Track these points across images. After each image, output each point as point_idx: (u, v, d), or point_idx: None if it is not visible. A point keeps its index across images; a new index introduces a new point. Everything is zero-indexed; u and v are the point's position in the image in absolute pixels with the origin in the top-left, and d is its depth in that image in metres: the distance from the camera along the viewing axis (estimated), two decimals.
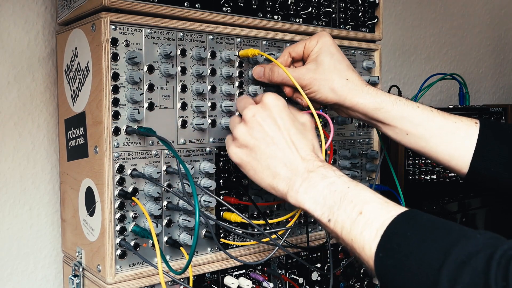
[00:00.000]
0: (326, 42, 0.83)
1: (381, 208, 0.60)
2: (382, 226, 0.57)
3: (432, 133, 0.80)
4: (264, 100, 0.72)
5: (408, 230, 0.55)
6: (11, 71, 0.93)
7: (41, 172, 0.98)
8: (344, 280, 1.04)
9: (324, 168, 0.67)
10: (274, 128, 0.70)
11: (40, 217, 0.98)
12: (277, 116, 0.70)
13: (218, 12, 0.83)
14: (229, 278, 0.87)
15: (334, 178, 0.65)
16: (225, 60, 0.84)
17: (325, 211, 0.63)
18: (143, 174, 0.76)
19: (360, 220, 0.59)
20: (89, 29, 0.75)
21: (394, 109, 0.81)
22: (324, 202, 0.64)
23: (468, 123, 0.81)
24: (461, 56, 1.82)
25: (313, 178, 0.66)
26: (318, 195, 0.65)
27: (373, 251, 0.57)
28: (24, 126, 0.95)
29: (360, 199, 0.61)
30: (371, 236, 0.58)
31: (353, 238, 0.60)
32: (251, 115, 0.71)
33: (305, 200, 0.65)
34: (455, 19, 1.78)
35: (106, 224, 0.74)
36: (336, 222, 0.62)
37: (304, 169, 0.67)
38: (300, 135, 0.71)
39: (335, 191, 0.64)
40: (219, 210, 0.86)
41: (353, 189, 0.63)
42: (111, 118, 0.74)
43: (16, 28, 0.94)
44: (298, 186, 0.66)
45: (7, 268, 0.95)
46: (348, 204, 0.62)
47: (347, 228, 0.60)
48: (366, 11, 1.04)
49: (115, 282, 0.75)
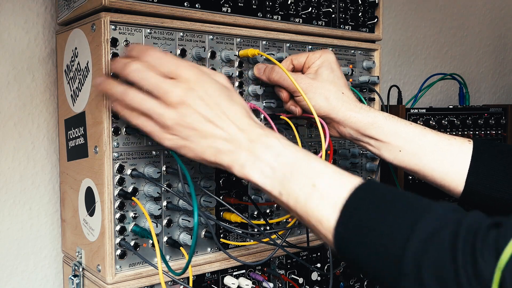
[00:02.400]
0: (329, 58, 0.84)
1: (336, 180, 0.58)
2: (340, 200, 0.56)
3: (426, 150, 0.79)
4: (185, 76, 0.64)
5: (369, 204, 0.54)
6: (11, 71, 0.94)
7: (41, 172, 0.98)
8: (344, 280, 1.04)
9: (266, 137, 0.63)
10: (205, 107, 0.63)
11: (40, 217, 0.98)
12: (204, 92, 0.64)
13: (218, 12, 0.83)
14: (229, 278, 0.87)
15: (280, 148, 0.62)
16: (225, 60, 0.84)
17: (275, 185, 0.61)
18: (143, 174, 0.76)
19: (315, 194, 0.58)
20: (89, 29, 0.75)
21: (387, 125, 0.81)
22: (274, 175, 0.61)
23: (461, 140, 0.80)
24: (461, 56, 1.82)
25: (257, 150, 0.62)
26: (265, 167, 0.62)
27: (332, 225, 0.56)
28: (24, 126, 0.95)
29: (312, 171, 0.59)
30: (328, 210, 0.56)
31: (309, 211, 0.58)
32: (178, 100, 0.63)
33: (252, 173, 0.62)
34: (455, 19, 1.78)
35: (106, 224, 0.74)
36: (289, 196, 0.60)
37: (246, 140, 0.63)
38: (230, 103, 0.65)
39: (284, 163, 0.61)
40: (219, 210, 0.86)
41: (302, 159, 0.61)
42: (111, 118, 0.74)
43: (16, 28, 0.94)
44: (243, 160, 0.63)
45: (7, 268, 0.95)
46: (300, 176, 0.59)
47: (301, 202, 0.59)
48: (366, 11, 1.04)
49: (115, 282, 0.75)
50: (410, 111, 1.21)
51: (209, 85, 0.65)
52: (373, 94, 1.06)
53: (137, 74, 0.65)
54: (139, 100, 0.65)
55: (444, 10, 1.74)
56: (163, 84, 0.64)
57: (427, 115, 1.23)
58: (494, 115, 1.33)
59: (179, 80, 0.64)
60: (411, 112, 1.21)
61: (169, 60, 0.65)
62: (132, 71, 0.65)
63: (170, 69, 0.65)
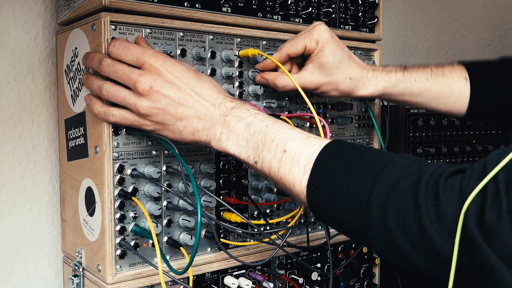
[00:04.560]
0: (326, 40, 0.83)
1: (304, 143, 0.62)
2: (310, 160, 0.59)
3: (431, 99, 0.90)
4: (151, 63, 0.67)
5: (336, 162, 0.57)
6: (11, 71, 0.93)
7: (41, 172, 0.98)
8: (344, 280, 1.05)
9: (237, 109, 0.67)
10: (175, 89, 0.66)
11: (40, 217, 0.98)
12: (171, 76, 0.67)
13: (218, 12, 0.83)
14: (229, 278, 0.87)
15: (250, 118, 0.66)
16: (225, 60, 0.84)
17: (250, 154, 0.65)
18: (143, 174, 0.76)
19: (287, 158, 0.61)
20: (89, 29, 0.75)
21: (395, 91, 0.89)
22: (247, 145, 0.65)
23: (459, 81, 0.90)
24: (461, 56, 1.82)
25: (230, 123, 0.66)
26: (239, 138, 0.66)
27: (304, 185, 0.59)
28: (24, 126, 0.95)
29: (281, 137, 0.63)
30: (300, 172, 0.60)
31: (282, 176, 0.62)
32: (147, 88, 0.66)
33: (228, 146, 0.67)
34: (455, 19, 1.78)
35: (106, 224, 0.74)
36: (263, 163, 0.64)
37: (219, 115, 0.67)
38: (199, 81, 0.68)
39: (255, 132, 0.65)
40: (219, 210, 0.86)
41: (271, 127, 0.64)
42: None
43: (16, 28, 0.94)
44: (219, 134, 0.67)
45: (7, 268, 0.95)
46: (271, 143, 0.63)
47: (275, 167, 0.63)
48: (366, 11, 1.04)
49: (115, 282, 0.75)
50: (410, 111, 1.21)
51: (175, 67, 0.68)
52: None
53: (108, 68, 0.68)
54: (113, 92, 0.69)
55: (444, 10, 1.74)
56: (132, 74, 0.66)
57: (427, 115, 1.23)
58: None
59: (146, 67, 0.67)
60: (411, 112, 1.21)
61: (135, 49, 0.68)
62: (104, 66, 0.68)
63: (136, 58, 0.67)
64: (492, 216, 0.43)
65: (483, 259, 0.43)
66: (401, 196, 0.50)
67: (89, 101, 0.73)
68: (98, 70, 0.69)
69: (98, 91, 0.70)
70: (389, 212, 0.51)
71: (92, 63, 0.71)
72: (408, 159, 0.55)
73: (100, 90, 0.69)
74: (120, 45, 0.68)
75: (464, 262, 0.45)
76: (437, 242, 0.47)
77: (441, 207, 0.47)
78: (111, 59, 0.69)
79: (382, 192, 0.52)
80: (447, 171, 0.50)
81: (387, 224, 0.51)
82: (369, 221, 0.53)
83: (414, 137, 1.22)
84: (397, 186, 0.51)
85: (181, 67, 0.68)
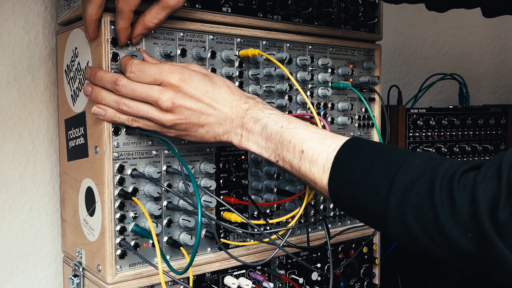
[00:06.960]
0: None
1: (321, 144, 0.65)
2: (328, 160, 0.63)
3: None
4: (169, 81, 0.69)
5: (354, 161, 0.61)
6: (11, 71, 0.93)
7: (41, 172, 0.98)
8: (344, 280, 1.05)
9: (252, 110, 0.71)
10: (195, 101, 0.70)
11: (40, 217, 0.98)
12: (190, 88, 0.70)
13: (218, 12, 0.83)
14: (229, 278, 0.87)
15: (265, 119, 0.70)
16: (225, 60, 0.84)
17: (271, 153, 0.69)
18: (143, 174, 0.76)
19: (305, 158, 0.65)
20: None
21: None
22: (267, 145, 0.69)
23: None
24: (461, 56, 1.82)
25: (247, 124, 0.70)
26: (259, 139, 0.70)
27: (325, 183, 0.63)
28: (24, 126, 0.95)
29: (297, 138, 0.66)
30: (319, 171, 0.64)
31: (303, 174, 0.66)
32: (170, 103, 0.69)
33: (249, 146, 0.71)
34: (455, 19, 1.78)
35: (106, 224, 0.74)
36: (284, 162, 0.68)
37: (237, 117, 0.71)
38: (215, 88, 0.72)
39: (271, 134, 0.69)
40: (219, 210, 0.86)
41: (286, 128, 0.68)
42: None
43: (16, 28, 0.93)
44: (239, 135, 0.71)
45: (7, 268, 0.95)
46: (288, 144, 0.67)
47: (296, 166, 0.67)
48: (366, 11, 1.04)
49: (115, 282, 0.75)
50: (410, 111, 1.21)
51: (192, 78, 0.70)
52: (373, 94, 1.06)
53: (125, 89, 0.70)
54: (134, 108, 0.71)
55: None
56: (153, 93, 0.69)
57: (427, 115, 1.23)
58: (494, 115, 1.33)
59: (164, 84, 0.70)
60: (411, 112, 1.21)
61: (150, 69, 0.70)
62: (120, 86, 0.70)
63: (154, 79, 0.70)
64: (505, 216, 0.46)
65: (496, 253, 0.47)
66: (417, 196, 0.54)
67: (104, 112, 0.73)
68: (113, 90, 0.71)
69: (115, 105, 0.71)
70: (407, 211, 0.54)
71: (103, 82, 0.72)
72: (423, 157, 0.57)
73: (119, 105, 0.71)
74: (135, 69, 0.70)
75: (478, 252, 0.50)
76: (454, 237, 0.50)
77: (456, 206, 0.50)
78: (126, 78, 0.70)
79: (399, 192, 0.55)
80: (461, 169, 0.53)
81: (406, 221, 0.54)
82: (388, 218, 0.56)
83: (414, 137, 1.22)
84: (413, 187, 0.54)
85: (197, 76, 0.71)
